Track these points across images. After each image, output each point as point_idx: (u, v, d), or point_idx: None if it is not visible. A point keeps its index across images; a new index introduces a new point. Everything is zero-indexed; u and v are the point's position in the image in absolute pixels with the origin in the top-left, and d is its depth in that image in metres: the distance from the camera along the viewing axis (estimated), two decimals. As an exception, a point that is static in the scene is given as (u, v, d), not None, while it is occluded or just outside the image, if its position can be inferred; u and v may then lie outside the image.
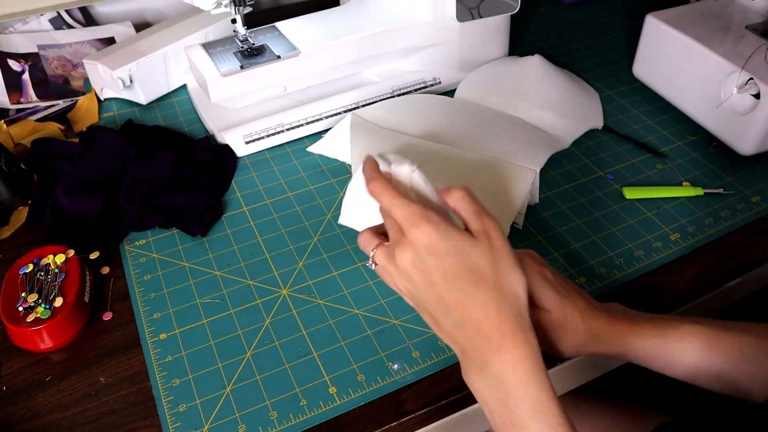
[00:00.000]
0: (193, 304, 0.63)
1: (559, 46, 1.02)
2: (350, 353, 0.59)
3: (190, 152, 0.77)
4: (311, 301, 0.63)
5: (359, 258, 0.67)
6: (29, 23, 0.96)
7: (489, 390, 0.42)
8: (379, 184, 0.46)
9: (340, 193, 0.75)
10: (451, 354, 0.58)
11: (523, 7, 0.90)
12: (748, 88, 0.74)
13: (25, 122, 0.84)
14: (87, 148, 0.75)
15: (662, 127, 0.85)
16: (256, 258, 0.68)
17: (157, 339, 0.60)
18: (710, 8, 0.87)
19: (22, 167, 0.75)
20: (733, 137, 0.78)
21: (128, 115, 0.87)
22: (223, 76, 0.77)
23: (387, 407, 0.55)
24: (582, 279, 0.65)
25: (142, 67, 0.86)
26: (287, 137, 0.82)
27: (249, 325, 0.61)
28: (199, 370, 0.58)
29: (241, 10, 0.76)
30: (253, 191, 0.76)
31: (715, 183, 0.76)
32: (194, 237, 0.70)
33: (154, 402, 0.55)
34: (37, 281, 0.62)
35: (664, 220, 0.71)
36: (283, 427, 0.53)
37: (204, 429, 0.53)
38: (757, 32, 0.81)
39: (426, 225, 0.42)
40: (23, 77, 0.91)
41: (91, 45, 0.97)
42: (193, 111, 0.88)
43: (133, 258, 0.68)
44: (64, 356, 0.60)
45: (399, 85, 0.88)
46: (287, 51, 0.81)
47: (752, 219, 0.72)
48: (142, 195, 0.70)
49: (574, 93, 0.87)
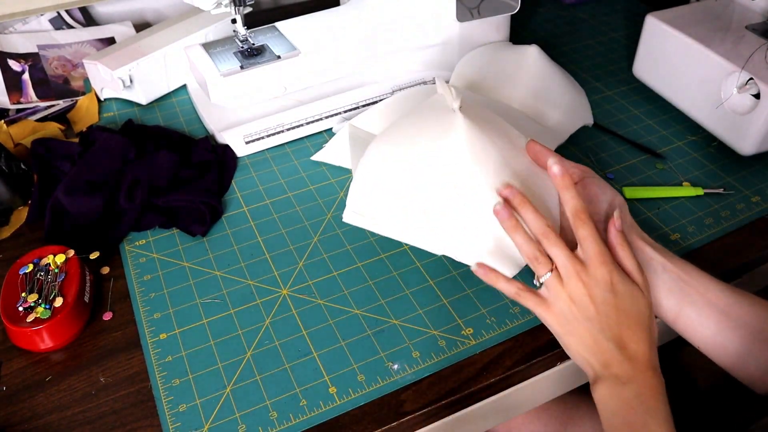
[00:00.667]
0: (193, 304, 0.63)
1: (559, 46, 1.02)
2: (350, 353, 0.59)
3: (190, 152, 0.77)
4: (311, 301, 0.63)
5: (359, 258, 0.67)
6: (29, 23, 0.96)
7: (622, 399, 0.50)
8: (585, 209, 0.53)
9: (340, 193, 0.75)
10: (451, 354, 0.58)
11: (523, 7, 0.90)
12: (748, 88, 0.74)
13: (25, 122, 0.84)
14: (87, 148, 0.75)
15: (662, 127, 0.85)
16: (256, 258, 0.68)
17: (157, 339, 0.60)
18: (710, 8, 0.87)
19: (22, 167, 0.75)
20: (733, 137, 0.78)
21: (128, 115, 0.87)
22: (223, 76, 0.77)
23: (387, 407, 0.55)
24: (582, 279, 0.65)
25: (142, 67, 0.86)
26: (287, 137, 0.82)
27: (249, 325, 0.61)
28: (199, 370, 0.58)
29: (241, 10, 0.76)
30: (253, 191, 0.76)
31: (715, 183, 0.76)
32: (194, 237, 0.70)
33: (154, 402, 0.55)
34: (37, 281, 0.62)
35: (664, 220, 0.71)
36: (283, 427, 0.53)
37: (204, 429, 0.53)
38: (757, 32, 0.81)
39: (613, 267, 0.51)
40: (23, 77, 0.91)
41: (91, 45, 0.97)
42: (193, 111, 0.88)
43: (133, 258, 0.68)
44: (64, 356, 0.59)
45: (399, 85, 0.88)
46: (287, 51, 0.81)
47: (752, 219, 0.72)
48: (142, 195, 0.70)
49: (567, 88, 0.87)
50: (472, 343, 0.59)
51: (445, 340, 0.60)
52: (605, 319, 0.51)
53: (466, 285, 0.64)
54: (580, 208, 0.53)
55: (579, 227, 0.52)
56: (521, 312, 0.62)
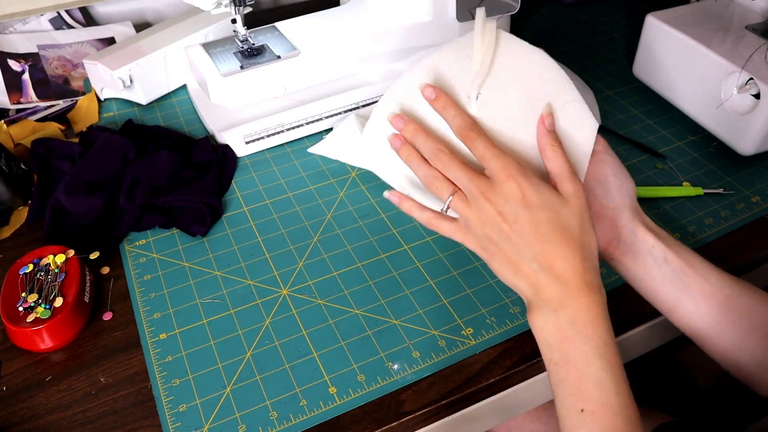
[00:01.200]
0: (193, 304, 0.63)
1: (559, 46, 1.02)
2: (350, 353, 0.59)
3: (190, 152, 0.77)
4: (311, 301, 0.63)
5: (359, 258, 0.67)
6: (29, 23, 0.96)
7: (556, 327, 0.46)
8: (472, 126, 0.49)
9: (341, 193, 0.75)
10: (451, 354, 0.58)
11: (523, 7, 0.90)
12: (748, 88, 0.74)
13: (25, 122, 0.84)
14: (87, 148, 0.75)
15: (662, 127, 0.85)
16: (256, 258, 0.68)
17: (157, 339, 0.60)
18: (710, 8, 0.87)
19: (22, 167, 0.75)
20: (733, 137, 0.78)
21: (128, 115, 0.87)
22: (223, 76, 0.77)
23: (387, 407, 0.55)
24: (582, 279, 0.65)
25: (142, 67, 0.86)
26: (287, 137, 0.82)
27: (249, 325, 0.61)
28: (199, 370, 0.58)
29: (241, 10, 0.76)
30: (253, 191, 0.76)
31: (715, 183, 0.76)
32: (194, 237, 0.70)
33: (154, 402, 0.55)
34: (37, 281, 0.62)
35: (664, 220, 0.71)
36: (283, 427, 0.53)
37: (204, 429, 0.53)
38: (757, 32, 0.81)
39: (522, 178, 0.47)
40: (23, 77, 0.91)
41: (91, 45, 0.97)
42: (193, 111, 0.88)
43: (133, 258, 0.68)
44: (64, 356, 0.60)
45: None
46: (287, 51, 0.81)
47: (752, 219, 0.72)
48: (142, 195, 0.70)
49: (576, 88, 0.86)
50: (472, 343, 0.59)
51: (445, 340, 0.60)
52: (522, 238, 0.47)
53: (466, 285, 0.64)
54: (465, 124, 0.49)
55: (472, 146, 0.49)
56: (521, 312, 0.62)
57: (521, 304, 0.62)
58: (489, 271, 0.65)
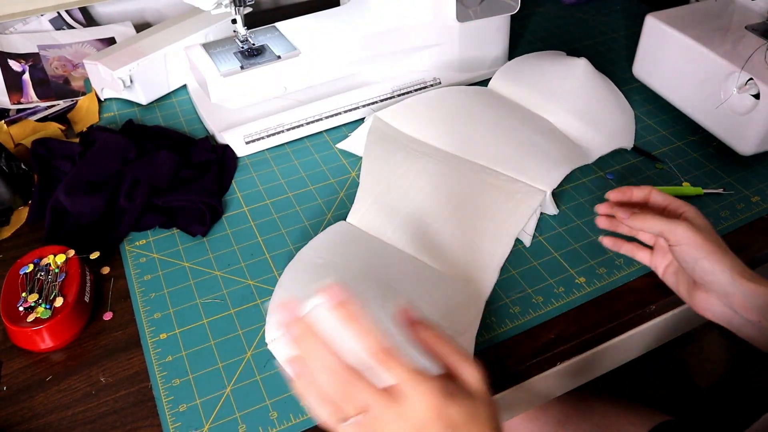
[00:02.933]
0: (194, 304, 0.63)
1: (559, 46, 1.02)
2: (350, 353, 0.59)
3: (190, 152, 0.77)
4: (311, 301, 0.63)
5: (359, 258, 0.67)
6: (29, 23, 0.96)
7: None
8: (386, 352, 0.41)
9: (341, 193, 0.75)
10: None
11: (523, 7, 0.90)
12: (748, 88, 0.74)
13: (26, 122, 0.84)
14: (87, 148, 0.75)
15: (662, 127, 0.85)
16: (256, 258, 0.68)
17: (157, 339, 0.60)
18: (710, 8, 0.87)
19: (22, 167, 0.75)
20: (733, 137, 0.78)
21: (128, 115, 0.88)
22: (224, 77, 0.77)
23: (387, 407, 0.55)
24: (582, 279, 0.65)
25: (142, 67, 0.86)
26: (287, 137, 0.82)
27: (249, 325, 0.61)
28: (200, 370, 0.58)
29: (241, 11, 0.76)
30: (253, 191, 0.76)
31: (715, 183, 0.76)
32: (194, 237, 0.70)
33: (154, 402, 0.56)
34: (37, 281, 0.62)
35: (663, 220, 0.71)
36: (283, 427, 0.53)
37: (204, 429, 0.53)
38: (757, 32, 0.81)
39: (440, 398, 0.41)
40: (24, 77, 0.92)
41: (92, 45, 0.97)
42: (193, 111, 0.88)
43: (133, 258, 0.68)
44: (64, 356, 0.60)
45: (399, 85, 0.88)
46: (287, 51, 0.81)
47: (752, 219, 0.72)
48: (142, 195, 0.70)
49: (611, 107, 0.85)
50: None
51: (445, 340, 0.60)
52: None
53: (465, 285, 0.64)
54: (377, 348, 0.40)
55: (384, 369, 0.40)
56: (521, 312, 0.62)
57: (521, 304, 0.63)
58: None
